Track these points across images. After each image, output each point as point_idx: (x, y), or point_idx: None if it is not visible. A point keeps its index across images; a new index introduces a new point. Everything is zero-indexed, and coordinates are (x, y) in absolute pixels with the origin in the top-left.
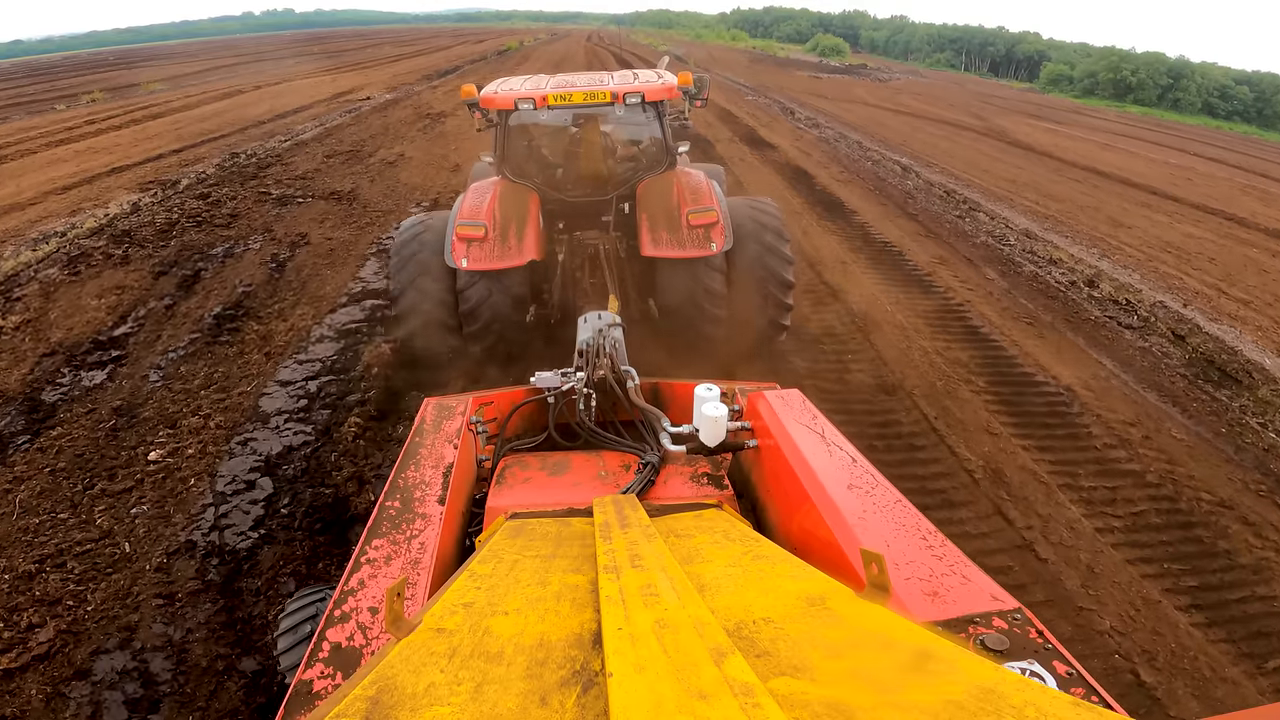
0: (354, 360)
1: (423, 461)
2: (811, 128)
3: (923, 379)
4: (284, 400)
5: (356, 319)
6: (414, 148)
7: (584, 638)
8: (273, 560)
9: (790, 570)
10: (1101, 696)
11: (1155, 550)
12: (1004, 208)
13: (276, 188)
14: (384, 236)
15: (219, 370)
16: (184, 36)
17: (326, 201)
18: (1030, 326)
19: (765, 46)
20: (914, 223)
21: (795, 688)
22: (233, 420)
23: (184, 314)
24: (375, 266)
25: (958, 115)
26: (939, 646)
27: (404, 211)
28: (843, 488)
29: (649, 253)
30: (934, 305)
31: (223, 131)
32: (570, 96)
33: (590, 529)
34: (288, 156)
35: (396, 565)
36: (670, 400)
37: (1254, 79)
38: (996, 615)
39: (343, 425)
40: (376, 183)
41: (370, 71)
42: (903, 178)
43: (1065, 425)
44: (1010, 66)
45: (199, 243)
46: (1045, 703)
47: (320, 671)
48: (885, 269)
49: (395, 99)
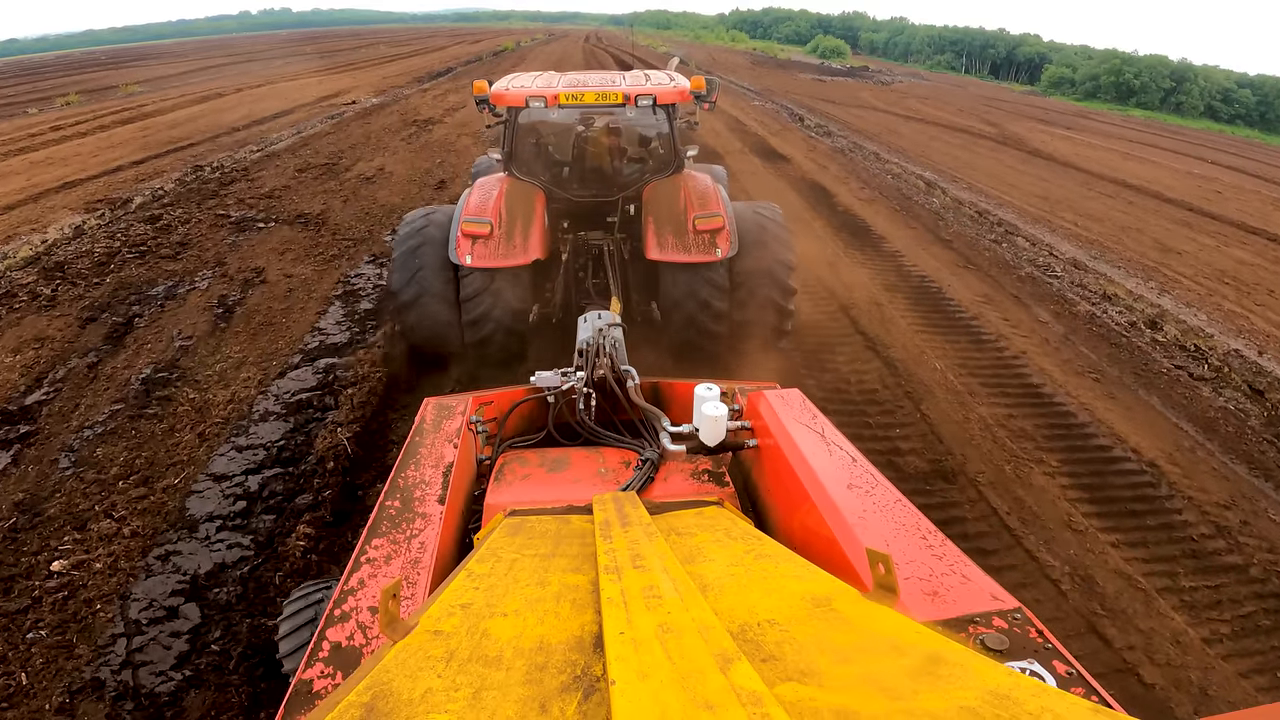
0: (305, 447)
1: (423, 461)
2: (824, 136)
3: (986, 460)
4: (217, 501)
5: (309, 387)
6: (396, 160)
7: (584, 640)
8: (202, 709)
9: (794, 570)
10: (1102, 696)
11: (1269, 658)
12: (1043, 231)
13: (237, 209)
14: (352, 274)
15: (142, 455)
16: (180, 35)
17: (291, 227)
18: (1097, 383)
19: (765, 48)
20: (949, 250)
21: (803, 694)
22: (153, 526)
23: (109, 376)
24: (338, 313)
25: (969, 121)
26: (949, 650)
27: (377, 241)
28: (843, 487)
29: (654, 256)
30: (987, 359)
31: (192, 139)
32: (582, 96)
33: (590, 527)
34: (256, 170)
35: (396, 565)
36: (670, 400)
37: (1256, 82)
38: (996, 615)
39: (289, 535)
40: (350, 203)
41: (360, 73)
42: (928, 194)
43: (1155, 512)
44: (1011, 69)
45: (138, 280)
46: (1063, 708)
47: (320, 671)
48: (925, 310)
49: (382, 103)
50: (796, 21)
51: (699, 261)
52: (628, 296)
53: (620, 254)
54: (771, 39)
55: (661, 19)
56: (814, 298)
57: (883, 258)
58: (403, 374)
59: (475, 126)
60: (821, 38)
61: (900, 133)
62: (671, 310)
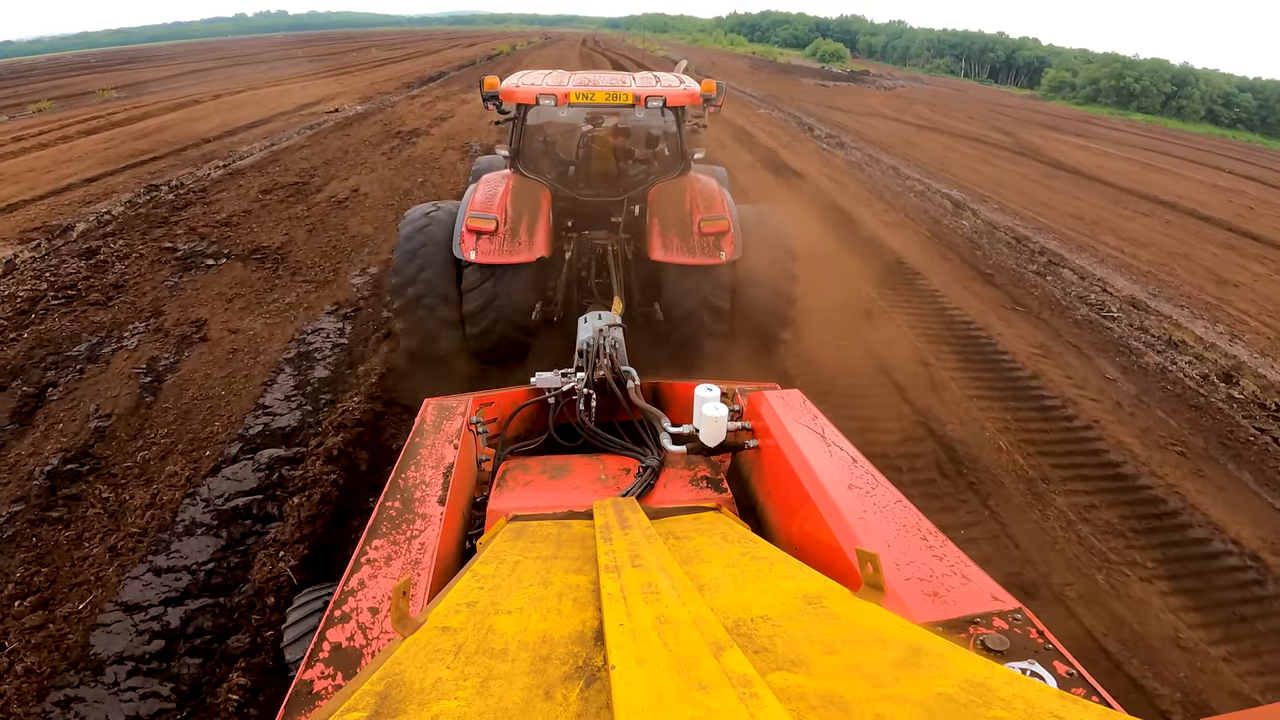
0: (240, 571)
1: (423, 462)
2: (836, 148)
3: (1073, 568)
4: (129, 637)
5: (248, 489)
6: (373, 179)
7: (586, 635)
8: None
9: (787, 570)
10: (1102, 696)
11: None
12: (1090, 261)
13: (187, 240)
14: (309, 329)
15: (42, 571)
16: (175, 38)
17: (245, 264)
18: (1183, 459)
19: (765, 52)
20: (993, 288)
21: (792, 681)
22: (50, 665)
23: (11, 465)
24: (288, 384)
25: (981, 130)
26: (931, 642)
27: (343, 285)
28: (843, 488)
29: (658, 257)
30: (1056, 433)
31: (156, 152)
32: (593, 95)
33: (590, 531)
34: (216, 191)
35: (397, 565)
36: (670, 400)
37: (1256, 86)
38: (997, 615)
39: (220, 686)
40: (316, 234)
41: (348, 78)
42: (956, 216)
43: (1266, 615)
44: (1010, 73)
45: (60, 334)
46: (1033, 695)
47: (321, 671)
48: (977, 369)
49: (366, 112)
50: (794, 25)
51: (703, 264)
52: (630, 297)
53: (624, 254)
54: (770, 42)
55: (658, 22)
56: (850, 356)
57: (921, 298)
58: (365, 466)
59: (463, 139)
60: (821, 41)
61: (915, 143)
62: (673, 311)
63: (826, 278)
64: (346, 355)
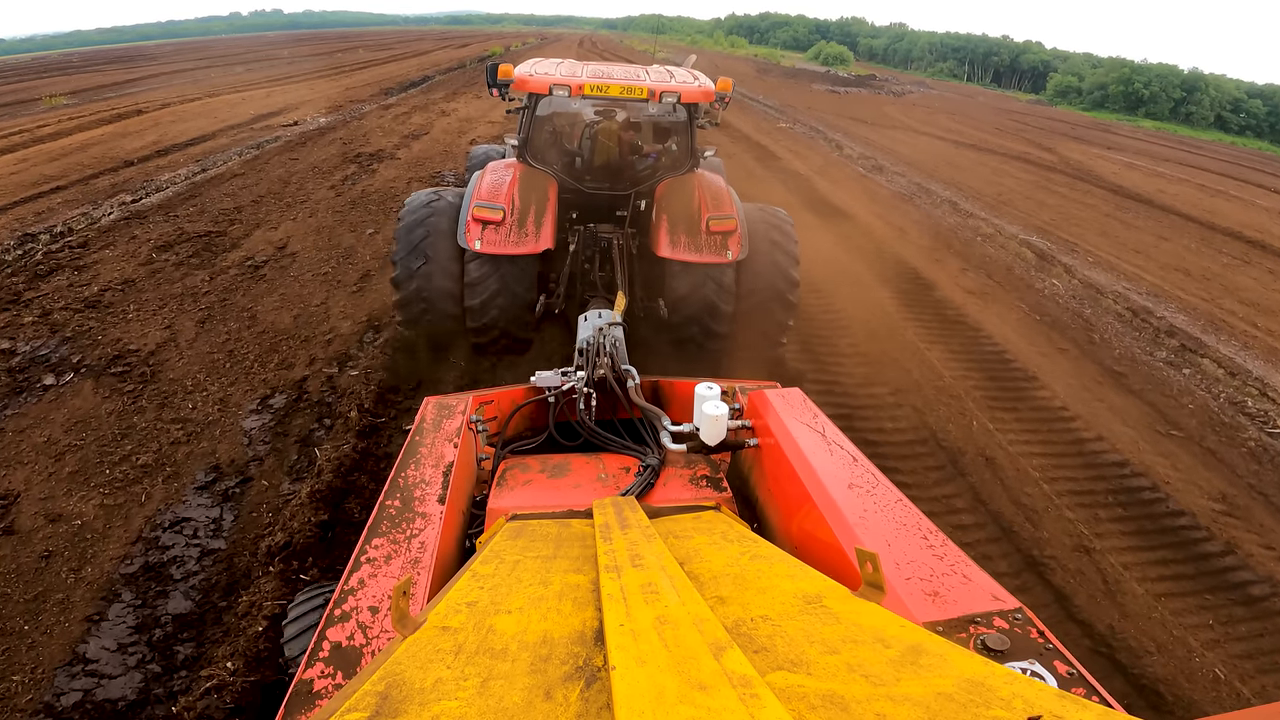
0: None
1: (423, 460)
2: (875, 172)
3: None
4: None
5: None
6: (308, 228)
7: (586, 635)
8: None
9: (787, 570)
10: (1102, 696)
11: None
12: (1228, 344)
13: (31, 334)
14: (166, 516)
15: None
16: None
17: (97, 385)
18: None
19: (767, 54)
20: (1130, 397)
21: (792, 681)
22: None
23: None
24: (126, 624)
25: (1020, 145)
26: (930, 642)
27: (233, 428)
28: (843, 487)
29: (665, 254)
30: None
31: (65, 179)
32: (607, 88)
33: (590, 530)
34: (101, 245)
35: (396, 564)
36: (671, 399)
37: (1266, 92)
38: (998, 615)
39: None
40: (209, 327)
41: (322, 82)
42: (1044, 273)
43: None
44: (1014, 77)
45: None
46: (1032, 695)
47: (320, 671)
48: (1156, 548)
49: (329, 125)
50: (794, 27)
51: (710, 262)
52: (633, 292)
53: (628, 249)
54: (770, 44)
55: (656, 23)
56: (981, 547)
57: (1045, 423)
58: None
59: (433, 166)
60: (823, 44)
61: (959, 165)
62: (677, 308)
63: (913, 399)
64: (223, 572)
